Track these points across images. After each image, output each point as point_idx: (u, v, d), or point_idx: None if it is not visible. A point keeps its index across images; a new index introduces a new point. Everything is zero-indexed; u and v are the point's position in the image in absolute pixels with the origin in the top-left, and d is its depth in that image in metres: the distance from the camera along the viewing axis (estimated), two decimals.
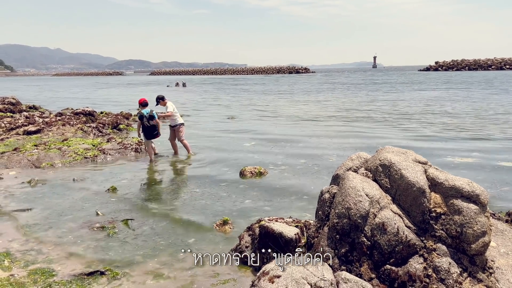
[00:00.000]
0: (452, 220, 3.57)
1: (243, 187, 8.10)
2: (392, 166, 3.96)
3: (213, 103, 29.71)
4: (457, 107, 21.93)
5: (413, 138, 13.02)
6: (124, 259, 5.08)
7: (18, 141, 13.11)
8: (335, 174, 4.70)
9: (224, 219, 6.17)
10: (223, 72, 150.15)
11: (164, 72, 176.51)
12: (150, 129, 10.45)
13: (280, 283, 2.96)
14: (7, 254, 5.19)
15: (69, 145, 11.38)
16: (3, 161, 10.18)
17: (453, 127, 15.14)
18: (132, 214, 6.72)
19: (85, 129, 14.72)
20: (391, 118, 18.30)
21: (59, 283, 4.47)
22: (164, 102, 11.13)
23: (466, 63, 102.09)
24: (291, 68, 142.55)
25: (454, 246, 3.54)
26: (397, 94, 33.66)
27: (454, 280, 3.35)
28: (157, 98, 11.25)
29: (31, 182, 8.57)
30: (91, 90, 55.37)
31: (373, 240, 3.69)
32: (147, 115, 10.43)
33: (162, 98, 11.22)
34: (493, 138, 12.73)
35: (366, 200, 3.79)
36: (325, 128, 15.75)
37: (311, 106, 25.14)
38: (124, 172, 9.57)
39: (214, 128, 16.73)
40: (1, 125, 15.03)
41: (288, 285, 2.93)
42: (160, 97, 11.25)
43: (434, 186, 3.75)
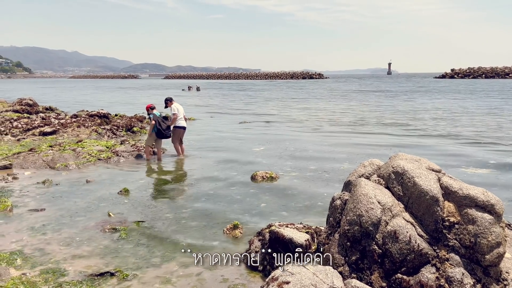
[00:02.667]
0: (466, 229, 3.50)
1: (254, 191, 8.08)
2: (405, 173, 3.91)
3: (226, 107, 29.81)
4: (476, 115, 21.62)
5: (428, 148, 12.85)
6: (135, 261, 5.10)
7: (34, 142, 13.34)
8: (347, 181, 4.66)
9: (234, 223, 6.15)
10: (237, 76, 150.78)
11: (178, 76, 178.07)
12: (166, 129, 10.80)
13: None
14: (20, 253, 5.26)
15: (83, 147, 11.52)
16: (19, 161, 10.35)
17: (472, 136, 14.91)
18: (144, 215, 6.76)
19: (100, 131, 14.91)
20: (407, 125, 18.11)
21: (70, 283, 4.51)
22: (171, 103, 11.35)
23: (483, 71, 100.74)
24: (305, 73, 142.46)
25: (468, 257, 3.47)
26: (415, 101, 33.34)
27: None
28: (165, 100, 11.54)
29: (45, 182, 8.68)
30: (106, 92, 56.09)
31: (385, 248, 3.64)
32: (160, 117, 10.74)
33: (170, 99, 11.48)
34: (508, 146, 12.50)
35: (378, 208, 3.75)
36: (336, 134, 15.66)
37: (324, 112, 25.05)
38: (136, 174, 9.65)
39: (225, 131, 16.78)
40: (18, 126, 15.31)
41: None
42: (169, 98, 11.53)
43: (448, 194, 3.69)
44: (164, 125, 10.80)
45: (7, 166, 9.91)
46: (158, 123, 10.73)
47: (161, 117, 10.90)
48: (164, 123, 10.82)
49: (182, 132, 11.35)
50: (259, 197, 7.73)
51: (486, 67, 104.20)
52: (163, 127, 10.75)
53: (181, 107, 11.48)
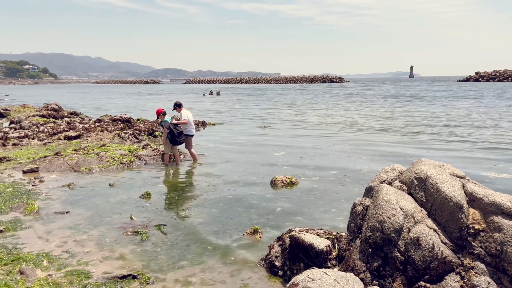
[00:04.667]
0: (491, 237, 3.42)
1: (274, 196, 8.08)
2: (428, 179, 3.85)
3: (246, 111, 29.92)
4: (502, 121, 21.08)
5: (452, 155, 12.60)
6: (156, 264, 5.17)
7: (59, 146, 13.69)
8: (368, 186, 4.62)
9: (254, 227, 6.17)
10: (257, 81, 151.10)
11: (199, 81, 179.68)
12: (179, 135, 10.88)
13: None
14: (46, 255, 5.39)
15: (107, 151, 11.75)
16: (45, 164, 10.63)
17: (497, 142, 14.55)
18: (165, 219, 6.84)
19: (122, 135, 15.19)
20: (428, 131, 17.80)
21: (94, 285, 4.60)
22: (180, 109, 11.41)
23: (509, 74, 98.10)
24: (325, 77, 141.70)
25: (494, 265, 3.38)
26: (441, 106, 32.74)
27: None
28: (175, 104, 11.58)
29: (70, 185, 8.89)
30: (127, 97, 57.10)
31: (407, 255, 3.58)
32: (171, 123, 10.90)
33: (179, 105, 11.53)
34: None
35: (400, 214, 3.70)
36: (357, 139, 15.51)
37: (344, 118, 24.85)
38: (158, 178, 9.78)
39: (245, 136, 16.83)
40: (44, 130, 15.74)
41: None
42: (178, 103, 11.57)
43: (473, 201, 3.62)
44: (177, 131, 10.84)
45: (34, 169, 10.20)
46: (170, 130, 10.81)
47: (172, 124, 10.91)
48: (176, 129, 10.85)
49: (191, 138, 11.48)
50: (278, 202, 7.72)
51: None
52: (175, 133, 10.80)
53: (191, 114, 11.60)
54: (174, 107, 11.54)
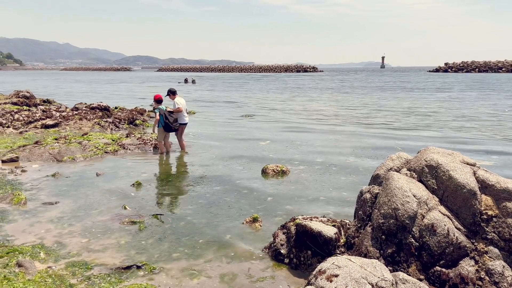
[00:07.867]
0: (504, 223, 3.53)
1: (267, 185, 8.07)
2: (439, 167, 3.92)
3: (225, 100, 29.70)
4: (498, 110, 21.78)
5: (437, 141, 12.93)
6: (158, 254, 5.07)
7: (37, 135, 13.20)
8: (375, 174, 4.66)
9: (254, 216, 6.15)
10: (231, 69, 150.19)
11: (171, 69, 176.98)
12: (174, 122, 10.68)
13: (339, 282, 2.93)
14: (42, 246, 5.20)
15: (90, 140, 11.41)
16: (25, 154, 10.23)
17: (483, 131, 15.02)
18: (159, 209, 6.73)
19: (102, 124, 14.79)
20: (408, 120, 18.19)
21: (98, 276, 4.48)
22: (174, 97, 11.09)
23: (476, 65, 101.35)
24: (299, 67, 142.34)
25: (507, 250, 3.49)
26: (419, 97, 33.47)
27: (509, 284, 3.30)
28: (169, 90, 11.19)
29: (55, 175, 8.60)
30: (100, 85, 55.61)
31: (422, 241, 3.65)
32: (166, 110, 10.58)
33: (174, 92, 11.16)
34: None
35: (414, 201, 3.76)
36: (339, 128, 15.69)
37: (324, 106, 25.07)
38: (145, 167, 9.59)
39: (228, 125, 16.72)
40: (20, 119, 15.12)
41: (348, 284, 2.90)
42: (173, 91, 11.19)
43: (485, 188, 3.71)
44: (172, 118, 10.64)
45: (13, 159, 9.79)
46: (165, 116, 10.55)
47: (167, 111, 10.69)
48: (171, 117, 10.64)
49: (184, 127, 11.23)
50: (271, 191, 7.72)
51: (480, 61, 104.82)
52: (170, 120, 10.57)
53: (184, 101, 11.20)
54: (168, 93, 11.17)
